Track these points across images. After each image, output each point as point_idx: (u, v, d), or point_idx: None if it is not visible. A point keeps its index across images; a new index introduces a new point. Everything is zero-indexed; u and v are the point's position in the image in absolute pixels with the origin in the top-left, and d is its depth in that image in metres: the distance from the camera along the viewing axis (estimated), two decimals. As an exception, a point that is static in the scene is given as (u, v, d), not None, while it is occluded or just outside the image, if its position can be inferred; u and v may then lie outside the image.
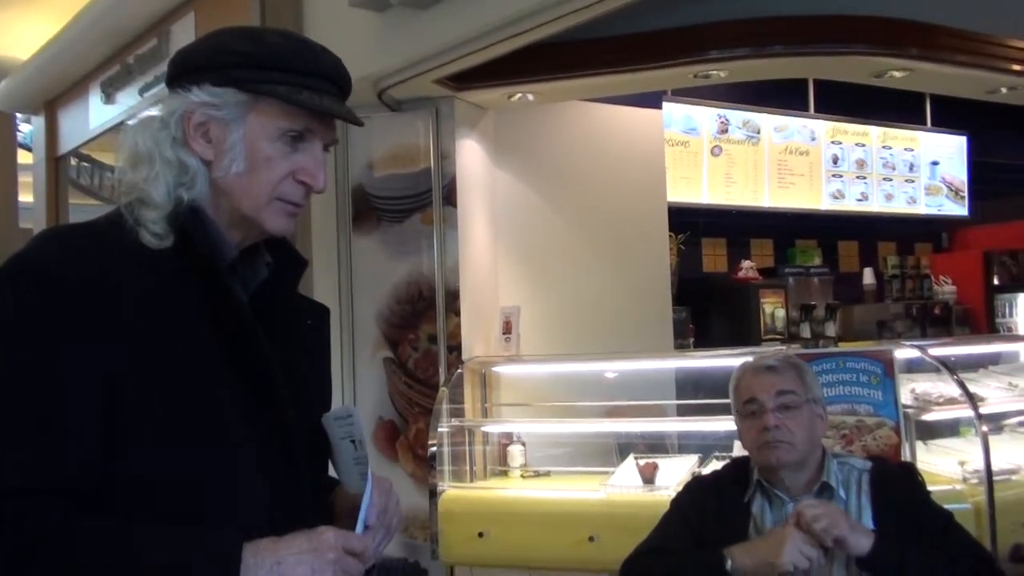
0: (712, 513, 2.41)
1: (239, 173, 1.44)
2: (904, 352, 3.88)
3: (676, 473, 3.97)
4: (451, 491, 4.24)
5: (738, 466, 2.52)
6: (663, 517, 2.49)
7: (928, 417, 3.80)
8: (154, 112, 1.47)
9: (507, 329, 4.70)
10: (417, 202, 4.67)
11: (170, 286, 1.37)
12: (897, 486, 2.40)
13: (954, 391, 3.72)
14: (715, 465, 3.93)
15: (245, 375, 1.41)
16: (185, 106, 1.44)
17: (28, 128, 10.20)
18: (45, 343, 1.28)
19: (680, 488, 2.67)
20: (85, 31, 6.75)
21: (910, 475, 2.52)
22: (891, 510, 2.33)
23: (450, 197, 4.61)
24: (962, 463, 3.75)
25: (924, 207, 7.83)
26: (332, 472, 1.60)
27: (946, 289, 8.00)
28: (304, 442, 1.49)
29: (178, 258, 1.39)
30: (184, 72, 1.46)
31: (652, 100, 5.39)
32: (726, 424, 3.92)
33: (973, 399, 3.64)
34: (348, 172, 4.79)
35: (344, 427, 1.54)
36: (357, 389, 4.76)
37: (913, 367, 4.05)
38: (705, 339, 6.24)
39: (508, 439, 4.55)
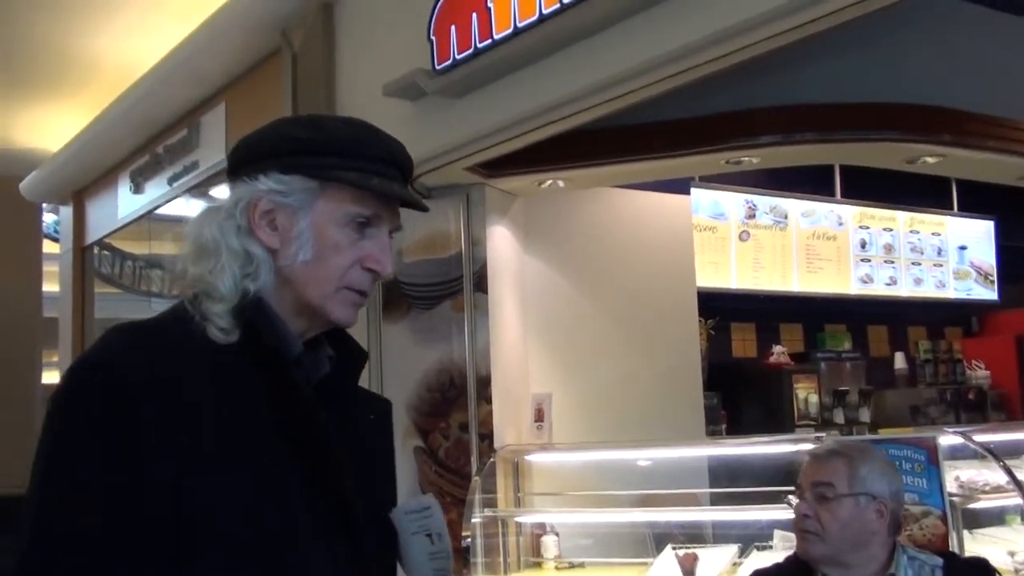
0: (774, 610, 2.33)
1: (306, 261, 1.41)
2: (947, 439, 3.80)
3: (716, 564, 3.88)
4: (485, 584, 4.15)
5: (800, 559, 2.44)
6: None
7: (975, 505, 3.71)
8: (216, 203, 1.45)
9: (539, 416, 4.65)
10: (447, 289, 4.66)
11: (238, 383, 1.34)
12: None
13: (1001, 478, 3.63)
14: (756, 556, 3.84)
15: (313, 473, 1.37)
16: (251, 195, 1.41)
17: (52, 218, 10.31)
18: (111, 451, 1.25)
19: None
20: (116, 122, 6.86)
21: (985, 571, 2.43)
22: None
23: (481, 283, 4.59)
24: (1012, 553, 3.64)
25: (953, 291, 7.77)
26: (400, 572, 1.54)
27: (979, 374, 7.90)
28: (373, 543, 1.44)
29: (244, 353, 1.36)
30: (249, 160, 1.44)
31: (680, 186, 5.40)
32: (764, 513, 3.86)
33: (1021, 487, 3.55)
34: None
35: (419, 520, 1.48)
36: (388, 479, 4.68)
37: (955, 454, 3.96)
38: (737, 425, 6.16)
39: (541, 529, 4.47)
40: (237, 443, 1.30)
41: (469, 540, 4.18)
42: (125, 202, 7.42)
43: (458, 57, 3.88)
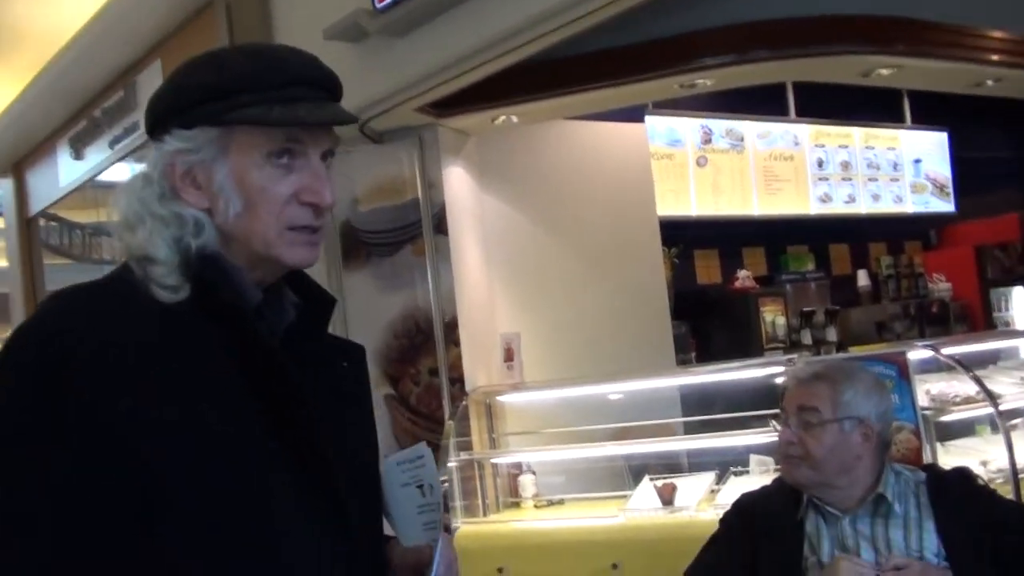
0: (763, 532, 2.29)
1: (239, 213, 1.30)
2: (916, 353, 3.79)
3: (694, 492, 3.87)
4: (465, 527, 4.12)
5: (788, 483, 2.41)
6: (711, 538, 2.38)
7: (946, 418, 3.70)
8: (139, 170, 1.34)
9: (509, 356, 4.60)
10: (407, 234, 4.57)
11: (192, 341, 1.25)
12: (957, 493, 2.29)
13: (971, 390, 3.63)
14: (734, 482, 3.83)
15: (284, 429, 1.28)
16: (164, 158, 1.31)
17: (-1, 191, 10.09)
18: (47, 426, 1.17)
19: (698, 508, 2.56)
20: (48, 89, 6.65)
21: (968, 480, 2.40)
22: (956, 520, 2.21)
23: (440, 226, 4.51)
24: (984, 463, 3.66)
25: (911, 205, 7.80)
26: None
27: (941, 287, 7.97)
28: (357, 498, 1.35)
29: (196, 309, 1.26)
30: (155, 121, 1.34)
31: (635, 114, 5.33)
32: (739, 440, 3.85)
33: (992, 397, 3.55)
34: (334, 208, 4.68)
35: (411, 471, 1.41)
36: (359, 430, 4.63)
37: (924, 368, 3.96)
38: (707, 352, 6.15)
39: (518, 469, 4.44)
40: (192, 403, 1.21)
41: (446, 484, 4.14)
42: (66, 170, 7.22)
43: (399, -7, 3.76)
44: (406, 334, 4.56)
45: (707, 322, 6.43)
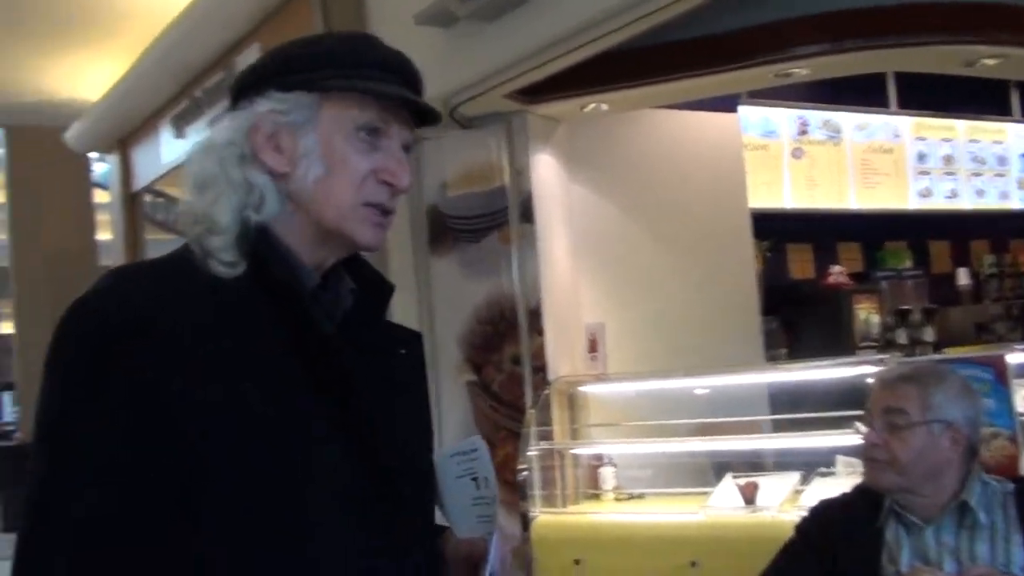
0: (841, 541, 2.22)
1: (317, 179, 1.31)
2: (1015, 356, 3.65)
3: (778, 492, 3.79)
4: (543, 517, 4.10)
5: (868, 488, 2.33)
6: (786, 544, 2.32)
7: (1047, 426, 3.56)
8: (216, 134, 1.35)
9: (593, 347, 4.57)
10: (493, 220, 4.57)
11: (248, 320, 1.25)
12: None
13: (1075, 396, 3.48)
14: (819, 483, 3.75)
15: (336, 417, 1.27)
16: (251, 119, 1.32)
17: (103, 167, 10.37)
18: (113, 398, 1.17)
19: (781, 508, 2.50)
20: (152, 69, 6.81)
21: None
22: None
23: (527, 214, 4.49)
24: (1084, 473, 3.51)
25: (1017, 201, 7.51)
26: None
27: (1047, 286, 7.68)
28: (408, 487, 1.34)
29: (254, 288, 1.27)
30: (247, 87, 1.36)
31: (728, 104, 5.23)
32: (827, 440, 3.76)
33: (1097, 404, 3.40)
34: (422, 193, 4.71)
35: (465, 463, 1.40)
36: (442, 414, 4.66)
37: (1024, 372, 3.82)
38: (797, 349, 6.01)
39: (599, 461, 4.41)
40: (239, 384, 1.21)
41: (526, 473, 4.14)
42: (168, 148, 7.39)
43: (490, -22, 3.74)
44: (490, 321, 4.55)
45: (799, 318, 6.29)
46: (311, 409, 1.25)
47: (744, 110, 5.71)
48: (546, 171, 4.62)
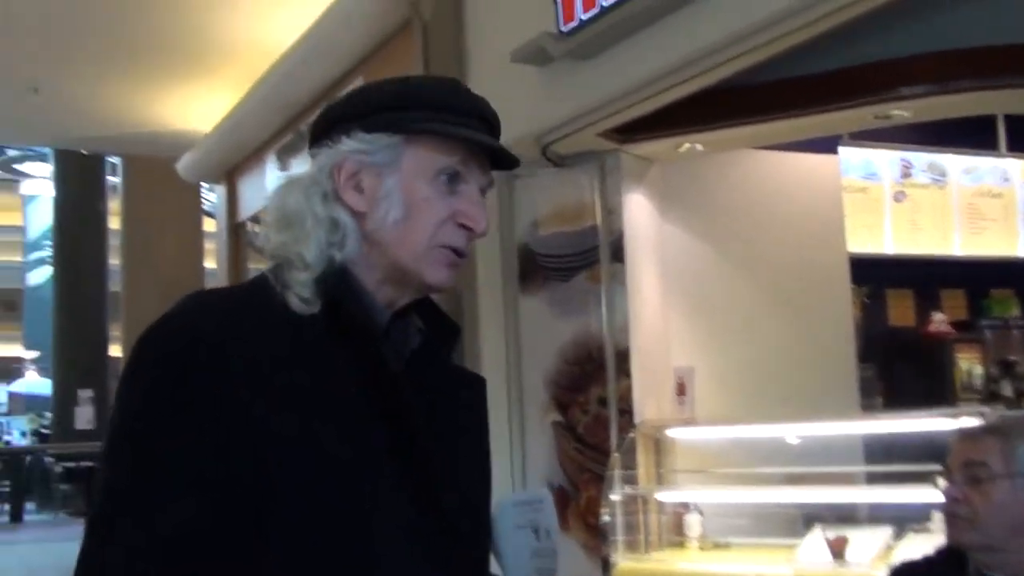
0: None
1: (396, 221, 1.32)
2: None
3: (869, 548, 3.67)
4: (625, 563, 4.04)
5: (953, 549, 2.22)
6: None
7: None
8: (299, 172, 1.38)
9: (681, 391, 4.49)
10: (584, 259, 4.54)
11: (318, 356, 1.26)
12: None
13: None
14: (913, 540, 3.61)
15: (398, 454, 1.28)
16: (335, 158, 1.33)
17: (213, 197, 10.69)
18: (180, 422, 1.19)
19: (872, 565, 2.40)
20: (260, 103, 7.00)
21: None
22: None
23: (617, 253, 4.45)
24: None
25: None
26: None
27: None
28: (465, 530, 1.34)
29: (326, 325, 1.28)
30: (331, 125, 1.37)
31: (827, 145, 5.12)
32: (923, 494, 3.61)
33: None
34: (513, 231, 4.71)
35: (528, 514, 1.37)
36: (526, 454, 4.63)
37: None
38: (894, 399, 5.82)
39: (684, 508, 4.33)
40: (313, 419, 1.23)
41: (608, 518, 4.08)
42: (273, 179, 7.57)
43: (584, 17, 3.74)
44: (577, 361, 4.52)
45: (897, 367, 6.09)
46: (380, 446, 1.26)
47: (844, 151, 5.58)
48: (638, 211, 4.58)
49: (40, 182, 19.98)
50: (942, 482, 2.18)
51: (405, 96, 1.35)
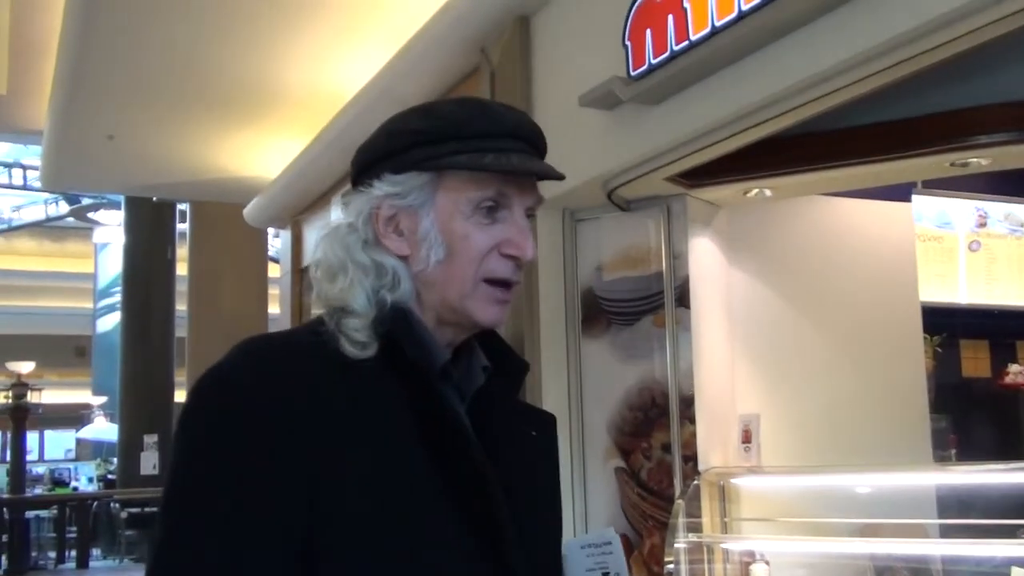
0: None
1: (439, 261, 1.30)
2: None
3: (943, 603, 3.55)
4: (689, 613, 3.95)
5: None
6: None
7: None
8: (340, 220, 1.36)
9: (746, 438, 4.41)
10: (649, 304, 4.50)
11: (378, 400, 1.24)
12: None
13: None
14: (990, 595, 3.49)
15: (462, 499, 1.24)
16: (371, 203, 1.32)
17: (278, 243, 10.83)
18: (237, 471, 1.17)
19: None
20: (326, 148, 7.09)
21: None
22: None
23: (683, 298, 4.41)
24: None
25: None
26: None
27: None
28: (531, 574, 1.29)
29: (383, 367, 1.25)
30: (363, 168, 1.35)
31: (900, 193, 5.04)
32: (999, 549, 3.50)
33: None
34: (577, 275, 4.69)
35: (597, 556, 1.34)
36: (588, 500, 4.57)
37: None
38: (968, 451, 5.68)
39: (750, 557, 4.23)
40: (376, 466, 1.19)
41: (672, 566, 4.00)
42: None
43: (654, 62, 3.73)
44: (641, 407, 4.46)
45: (971, 418, 5.96)
46: (442, 491, 1.23)
47: (918, 200, 5.50)
48: (704, 256, 4.54)
49: (111, 229, 20.40)
50: None
51: (430, 131, 1.31)
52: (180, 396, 15.58)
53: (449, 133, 1.31)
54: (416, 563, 1.19)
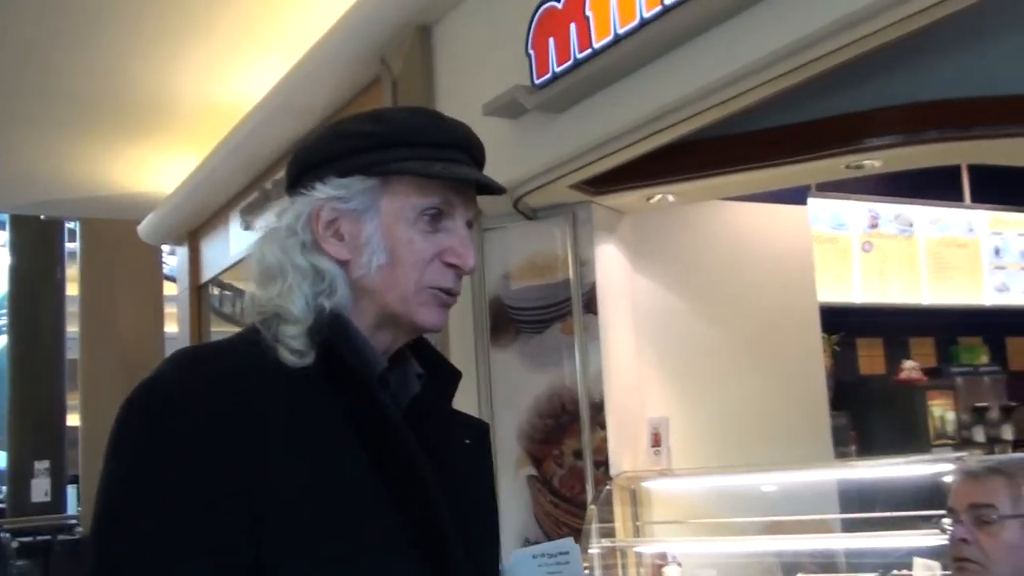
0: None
1: (381, 266, 1.28)
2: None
3: (850, 595, 3.63)
4: (605, 618, 3.97)
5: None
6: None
7: None
8: (277, 222, 1.33)
9: (656, 441, 4.46)
10: (556, 311, 4.52)
11: (316, 409, 1.22)
12: None
13: None
14: (894, 586, 3.58)
15: (404, 505, 1.22)
16: (311, 206, 1.30)
17: (174, 261, 10.59)
18: (180, 481, 1.14)
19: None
20: (224, 162, 6.96)
21: None
22: None
23: (590, 305, 4.44)
24: None
25: (1098, 298, 7.28)
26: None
27: None
28: None
29: (321, 375, 1.23)
30: (305, 170, 1.33)
31: (797, 196, 5.17)
32: (903, 540, 3.60)
33: None
34: (484, 284, 4.69)
35: (551, 566, 1.32)
36: (501, 510, 4.54)
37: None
38: (868, 446, 5.86)
39: (663, 560, 4.28)
40: (316, 475, 1.18)
41: (587, 572, 4.01)
42: (236, 240, 7.50)
43: (557, 70, 3.76)
44: (551, 414, 4.48)
45: (869, 414, 6.14)
46: (381, 497, 1.22)
47: (813, 202, 5.65)
48: (610, 262, 4.58)
49: (-6, 249, 19.73)
50: (948, 525, 2.17)
51: (379, 136, 1.30)
52: (72, 420, 15.11)
53: (400, 139, 1.30)
54: (358, 569, 1.18)
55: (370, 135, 1.31)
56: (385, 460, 1.23)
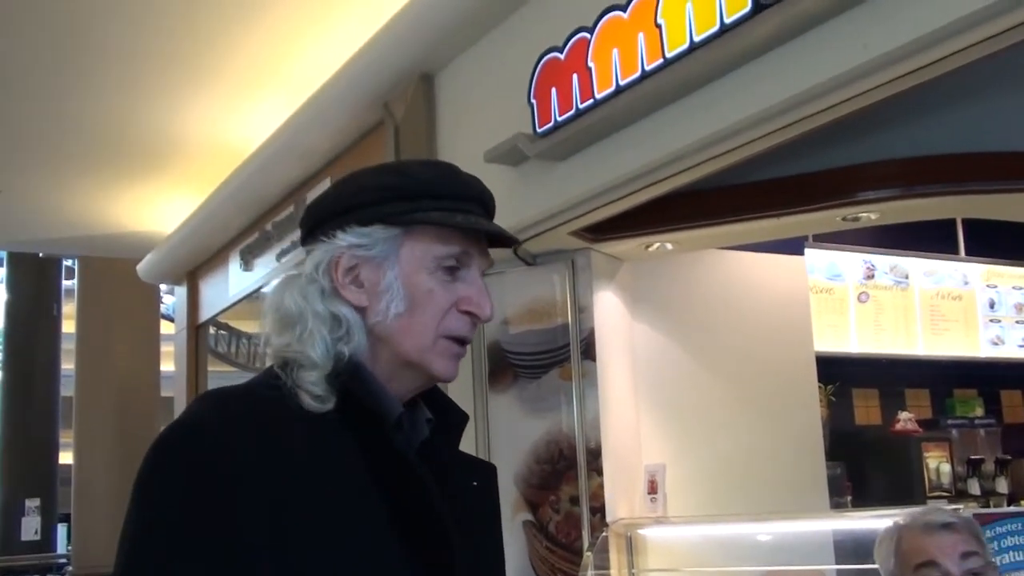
0: None
1: (399, 314, 1.32)
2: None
3: (846, 646, 3.62)
4: (599, 666, 3.95)
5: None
6: None
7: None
8: (296, 271, 1.37)
9: (652, 489, 4.46)
10: (554, 357, 4.54)
11: (336, 453, 1.25)
12: None
13: None
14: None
15: (420, 545, 1.26)
16: (332, 253, 1.33)
17: (171, 300, 10.59)
18: (197, 526, 1.17)
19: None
20: (225, 202, 7.00)
21: None
22: None
23: (589, 351, 4.46)
24: None
25: (1093, 352, 7.32)
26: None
27: None
28: None
29: (340, 420, 1.27)
30: (324, 220, 1.36)
31: (794, 246, 5.22)
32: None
33: None
34: (483, 329, 4.71)
35: None
36: (496, 555, 4.54)
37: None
38: (863, 496, 5.86)
39: (658, 608, 4.26)
40: (336, 516, 1.21)
41: (582, 620, 4.00)
42: (236, 280, 7.52)
43: (560, 119, 3.81)
44: (548, 459, 4.48)
45: (865, 465, 6.15)
46: (398, 540, 1.25)
47: (811, 253, 5.70)
48: (609, 309, 4.61)
49: (-8, 286, 19.71)
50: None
51: (402, 188, 1.34)
52: (65, 458, 15.04)
53: (424, 191, 1.34)
54: None
55: (396, 187, 1.34)
56: (405, 505, 1.26)
